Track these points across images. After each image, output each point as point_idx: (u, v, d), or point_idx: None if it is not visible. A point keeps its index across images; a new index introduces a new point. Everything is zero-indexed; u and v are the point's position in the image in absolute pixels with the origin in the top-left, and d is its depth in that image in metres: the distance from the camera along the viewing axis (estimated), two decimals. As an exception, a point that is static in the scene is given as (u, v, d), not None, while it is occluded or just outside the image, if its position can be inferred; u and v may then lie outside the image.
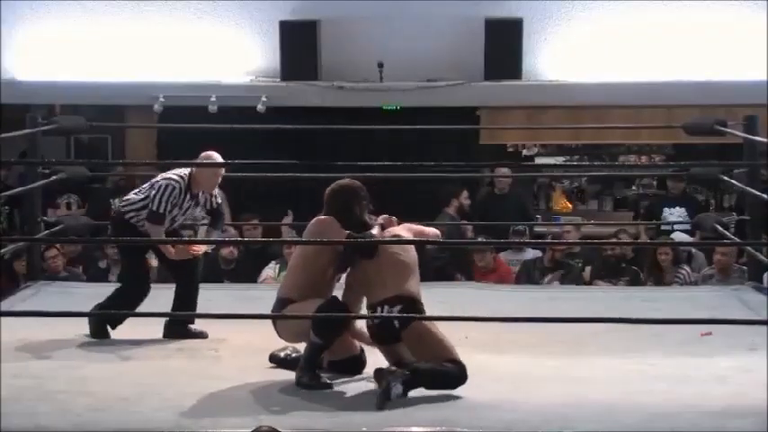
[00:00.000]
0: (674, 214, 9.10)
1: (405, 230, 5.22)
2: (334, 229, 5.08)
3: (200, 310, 5.89)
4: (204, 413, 4.62)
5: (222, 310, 5.72)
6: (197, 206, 5.96)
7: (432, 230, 5.37)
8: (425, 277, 5.27)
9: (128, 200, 5.95)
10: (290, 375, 5.07)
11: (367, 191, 5.23)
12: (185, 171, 5.85)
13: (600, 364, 5.36)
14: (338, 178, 5.31)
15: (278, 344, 5.28)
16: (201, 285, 7.24)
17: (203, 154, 5.89)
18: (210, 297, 6.64)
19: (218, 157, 5.85)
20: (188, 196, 5.84)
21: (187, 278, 5.95)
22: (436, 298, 6.64)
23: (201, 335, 5.84)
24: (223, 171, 5.93)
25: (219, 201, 6.08)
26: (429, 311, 5.34)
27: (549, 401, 4.73)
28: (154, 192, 5.79)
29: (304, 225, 5.34)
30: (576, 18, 9.91)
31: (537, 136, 10.91)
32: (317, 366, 5.02)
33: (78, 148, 11.57)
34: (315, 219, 5.18)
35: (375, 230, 5.14)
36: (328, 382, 4.99)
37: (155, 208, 5.77)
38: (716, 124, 7.42)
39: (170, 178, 5.79)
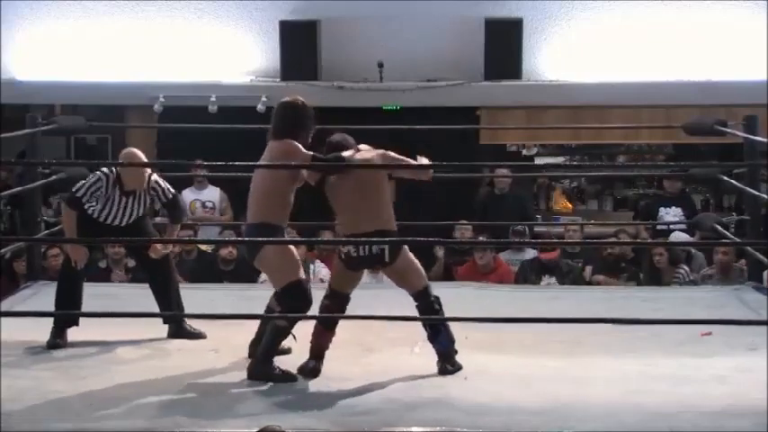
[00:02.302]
0: (670, 214, 9.09)
1: (378, 156, 5.28)
2: (298, 151, 5.13)
3: (200, 310, 5.89)
4: (204, 413, 4.62)
5: (222, 310, 5.72)
6: (138, 202, 5.87)
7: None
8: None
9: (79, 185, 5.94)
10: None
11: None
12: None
13: (600, 364, 5.36)
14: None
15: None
16: (202, 285, 7.27)
17: (124, 152, 5.89)
18: (210, 297, 6.64)
19: (140, 154, 5.82)
20: (118, 192, 5.79)
21: (162, 276, 5.94)
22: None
23: (200, 335, 5.84)
24: (147, 169, 5.88)
25: (173, 192, 6.00)
26: (429, 311, 5.35)
27: (549, 401, 4.74)
28: (85, 180, 5.84)
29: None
30: (576, 18, 9.92)
31: (537, 136, 10.90)
32: (275, 354, 5.08)
33: (78, 148, 11.57)
34: (273, 143, 5.20)
35: (347, 153, 5.24)
36: (288, 372, 5.04)
37: (74, 189, 5.81)
38: (716, 124, 7.41)
39: (102, 171, 5.82)
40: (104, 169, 5.81)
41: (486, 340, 5.63)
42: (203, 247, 8.81)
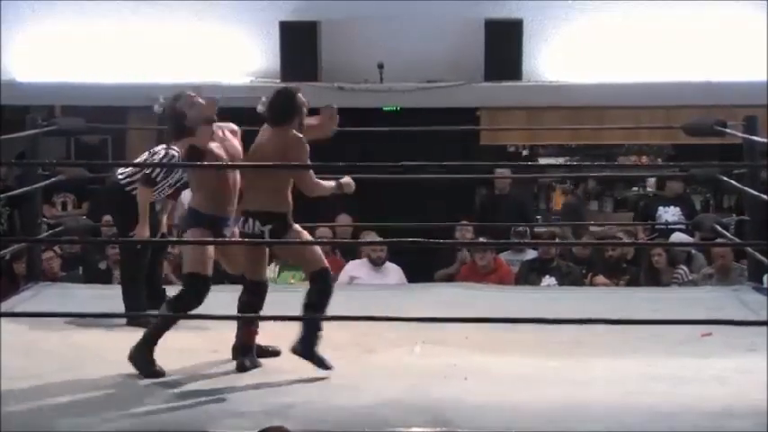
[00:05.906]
0: (669, 212, 9.09)
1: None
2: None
3: (200, 310, 5.89)
4: (204, 413, 4.62)
5: (222, 310, 5.71)
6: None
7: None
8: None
9: (125, 172, 6.18)
10: (289, 376, 5.09)
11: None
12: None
13: (600, 364, 5.35)
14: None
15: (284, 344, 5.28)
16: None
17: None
18: (211, 297, 6.64)
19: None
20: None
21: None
22: (436, 298, 6.66)
23: None
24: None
25: None
26: (429, 312, 5.35)
27: (549, 402, 4.74)
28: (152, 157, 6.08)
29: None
30: (576, 18, 9.93)
31: (537, 137, 10.91)
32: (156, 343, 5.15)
33: (79, 149, 11.57)
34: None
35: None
36: (159, 370, 5.09)
37: (148, 172, 6.01)
38: (716, 125, 7.41)
39: (171, 149, 5.97)
40: (173, 150, 5.93)
41: (486, 340, 5.63)
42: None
